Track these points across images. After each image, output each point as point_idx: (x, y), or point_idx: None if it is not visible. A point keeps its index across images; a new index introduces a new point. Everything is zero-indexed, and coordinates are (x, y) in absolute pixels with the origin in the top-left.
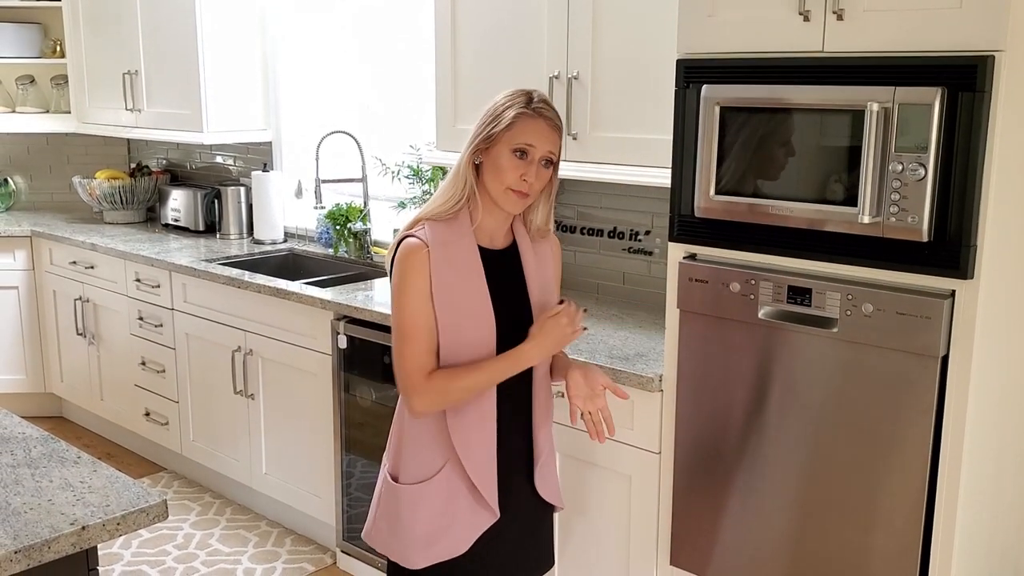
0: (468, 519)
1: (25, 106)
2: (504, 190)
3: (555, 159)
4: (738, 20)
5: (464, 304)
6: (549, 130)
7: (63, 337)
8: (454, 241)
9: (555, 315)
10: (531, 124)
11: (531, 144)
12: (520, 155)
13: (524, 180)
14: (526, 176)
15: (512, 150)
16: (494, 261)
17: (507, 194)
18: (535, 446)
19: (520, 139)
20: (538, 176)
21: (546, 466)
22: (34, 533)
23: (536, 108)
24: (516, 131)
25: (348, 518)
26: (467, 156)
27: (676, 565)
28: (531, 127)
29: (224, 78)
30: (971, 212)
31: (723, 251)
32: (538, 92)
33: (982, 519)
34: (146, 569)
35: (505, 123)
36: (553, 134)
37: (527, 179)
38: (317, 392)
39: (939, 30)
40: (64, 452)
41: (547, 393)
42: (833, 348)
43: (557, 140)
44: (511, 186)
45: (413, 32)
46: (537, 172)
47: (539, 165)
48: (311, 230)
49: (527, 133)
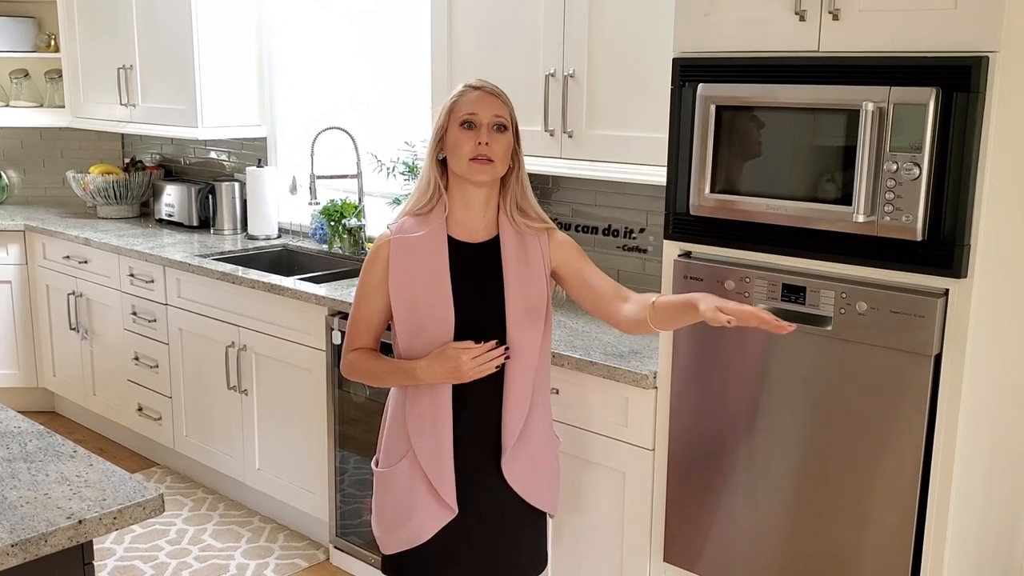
0: (427, 510)
1: (19, 100)
2: (467, 164)
3: (507, 124)
4: (734, 19)
5: (421, 294)
6: (488, 96)
7: (56, 332)
8: (422, 233)
9: (463, 347)
10: (469, 96)
11: (473, 112)
12: (468, 126)
13: (477, 146)
14: (479, 140)
15: (460, 125)
16: (470, 255)
17: (471, 167)
18: (503, 437)
19: (463, 112)
20: (494, 139)
21: (523, 461)
22: (30, 527)
23: (471, 84)
24: (458, 108)
25: (341, 514)
26: (429, 156)
27: (669, 561)
28: (469, 99)
29: (219, 73)
30: (965, 212)
31: (718, 249)
32: (477, 78)
33: (974, 516)
34: (139, 564)
35: (447, 109)
36: (494, 99)
37: (480, 141)
38: (311, 388)
39: (934, 30)
40: (60, 446)
41: (523, 382)
42: (827, 346)
43: (501, 106)
44: (469, 156)
45: (409, 28)
46: (491, 135)
47: (491, 129)
48: (305, 226)
49: (467, 105)
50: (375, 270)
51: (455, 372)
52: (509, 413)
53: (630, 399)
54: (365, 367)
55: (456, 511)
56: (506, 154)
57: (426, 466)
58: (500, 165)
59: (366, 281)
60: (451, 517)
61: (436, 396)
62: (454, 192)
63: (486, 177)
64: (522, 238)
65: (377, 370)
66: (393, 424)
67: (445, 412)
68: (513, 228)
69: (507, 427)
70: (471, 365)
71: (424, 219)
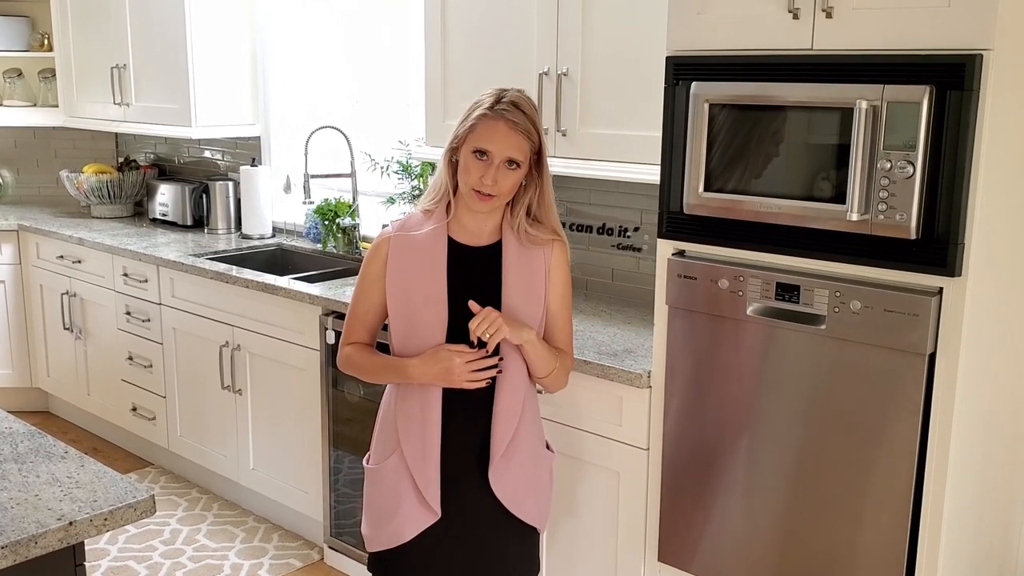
0: (410, 511)
1: (12, 99)
2: (469, 190)
3: (521, 162)
4: (728, 17)
5: (417, 292)
6: (509, 132)
7: (50, 332)
8: (423, 232)
9: (457, 350)
10: (490, 126)
11: (488, 147)
12: (480, 156)
13: (483, 181)
14: (485, 177)
15: (473, 151)
16: (470, 257)
17: (472, 194)
18: (492, 449)
19: (478, 142)
20: (501, 177)
21: (510, 472)
22: (20, 528)
23: (498, 110)
24: (477, 133)
25: (336, 514)
26: (445, 153)
27: (664, 561)
28: (490, 130)
29: (213, 72)
30: (959, 210)
31: (712, 248)
32: (513, 92)
33: (968, 515)
34: (132, 565)
35: (468, 124)
36: (515, 136)
37: (486, 180)
38: (305, 388)
39: (928, 29)
40: (51, 447)
41: (515, 393)
42: (821, 345)
43: (521, 142)
44: (473, 186)
45: (403, 27)
46: (499, 174)
47: (501, 167)
48: (299, 225)
49: (485, 136)
50: (374, 265)
51: (446, 375)
52: (499, 422)
53: (624, 398)
54: (360, 361)
55: (439, 514)
56: (512, 188)
57: (412, 466)
58: (502, 200)
59: (365, 276)
60: (434, 520)
61: (426, 397)
62: (461, 197)
63: (485, 210)
64: (526, 248)
65: (371, 365)
66: (384, 421)
67: (434, 414)
68: (517, 236)
69: (496, 436)
70: (463, 370)
71: (427, 217)
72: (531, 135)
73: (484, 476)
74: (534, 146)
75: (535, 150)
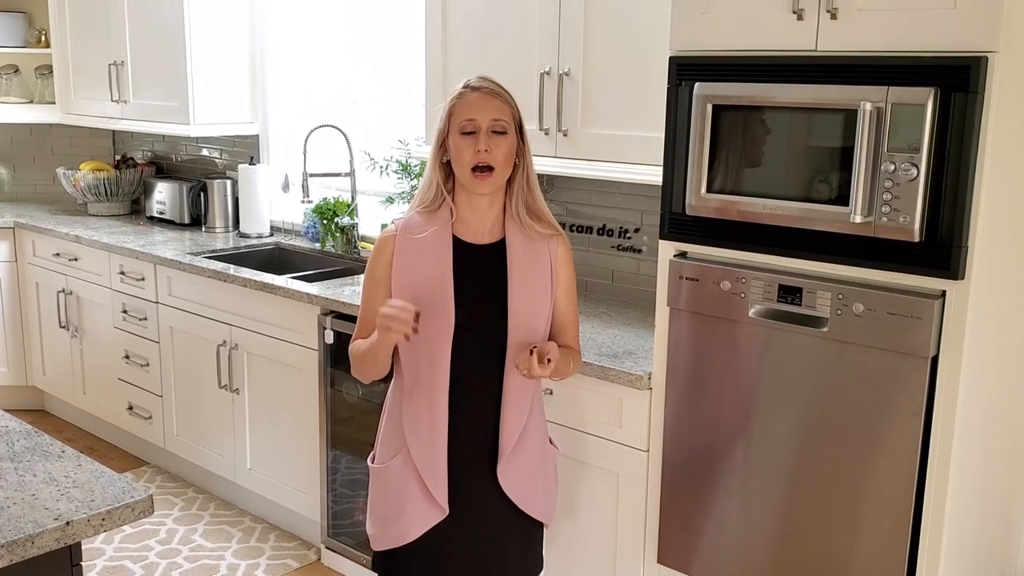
0: (418, 510)
1: (9, 96)
2: (469, 175)
3: (507, 127)
4: (731, 18)
5: (423, 291)
6: (486, 98)
7: (46, 330)
8: (427, 231)
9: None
10: (467, 99)
11: (472, 117)
12: (467, 133)
13: (478, 152)
14: (478, 147)
15: (460, 132)
16: (475, 255)
17: (472, 180)
18: (501, 442)
19: (461, 116)
20: (494, 144)
21: (518, 468)
22: (17, 528)
23: (469, 85)
24: (457, 113)
25: (333, 514)
26: (432, 159)
27: (663, 563)
28: (467, 102)
29: (211, 70)
30: (963, 213)
31: (714, 249)
32: (479, 75)
33: (970, 519)
34: (128, 564)
35: (447, 112)
36: (492, 100)
37: (479, 149)
38: (303, 387)
39: (932, 30)
40: (48, 446)
41: (523, 388)
42: (823, 347)
43: (501, 106)
44: (470, 165)
45: (403, 26)
46: (490, 140)
47: (490, 134)
48: (298, 224)
49: (465, 109)
50: (379, 265)
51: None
52: (508, 417)
53: (624, 400)
54: (352, 352)
55: (447, 512)
56: (508, 158)
57: (420, 465)
58: (501, 173)
59: (371, 277)
60: (441, 517)
61: (433, 396)
62: (459, 195)
63: (488, 189)
64: (530, 241)
65: (358, 351)
66: (389, 421)
67: (442, 412)
68: (521, 231)
69: (505, 431)
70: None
71: (430, 218)
72: (508, 101)
73: (492, 472)
74: (515, 114)
75: (516, 120)
